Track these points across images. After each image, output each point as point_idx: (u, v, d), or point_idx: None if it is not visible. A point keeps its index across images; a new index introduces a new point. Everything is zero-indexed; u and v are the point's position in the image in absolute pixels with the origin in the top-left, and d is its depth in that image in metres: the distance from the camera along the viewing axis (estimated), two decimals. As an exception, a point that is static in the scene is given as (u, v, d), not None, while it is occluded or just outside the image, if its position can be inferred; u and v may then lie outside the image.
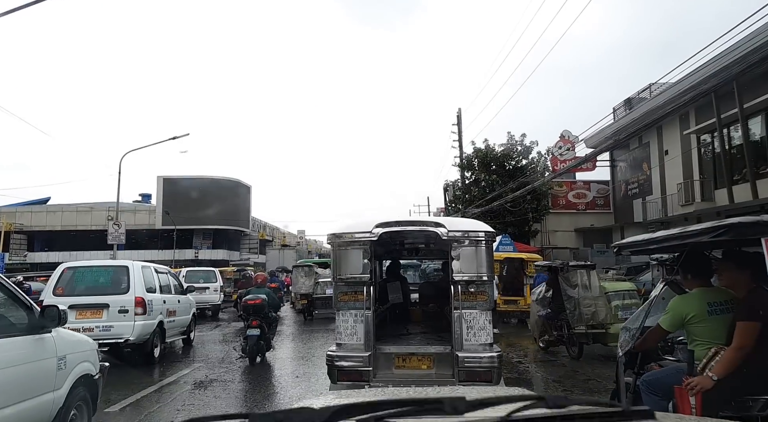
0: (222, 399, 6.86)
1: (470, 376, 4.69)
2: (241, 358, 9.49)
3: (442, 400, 1.10)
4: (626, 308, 8.93)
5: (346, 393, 2.49)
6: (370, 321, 4.99)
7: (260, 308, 9.42)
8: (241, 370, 8.80)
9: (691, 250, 3.75)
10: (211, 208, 44.06)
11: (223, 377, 8.22)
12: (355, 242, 5.05)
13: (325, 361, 5.03)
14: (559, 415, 1.10)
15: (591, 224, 27.37)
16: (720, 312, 3.41)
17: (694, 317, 3.43)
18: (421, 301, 8.12)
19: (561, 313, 9.32)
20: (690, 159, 20.43)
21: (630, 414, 1.15)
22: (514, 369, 8.69)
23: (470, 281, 4.95)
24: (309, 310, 17.39)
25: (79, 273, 9.18)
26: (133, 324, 8.62)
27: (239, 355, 9.66)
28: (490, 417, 1.10)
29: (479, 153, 25.98)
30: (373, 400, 1.25)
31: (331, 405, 1.10)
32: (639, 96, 24.76)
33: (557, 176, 24.29)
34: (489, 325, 4.94)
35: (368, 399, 1.50)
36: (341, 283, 5.09)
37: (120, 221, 19.85)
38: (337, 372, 4.87)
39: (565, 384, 7.61)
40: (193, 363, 9.52)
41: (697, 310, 3.43)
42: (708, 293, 3.54)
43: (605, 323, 8.78)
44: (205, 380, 7.99)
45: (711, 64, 15.22)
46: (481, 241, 5.01)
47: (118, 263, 9.78)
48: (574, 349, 9.29)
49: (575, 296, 8.91)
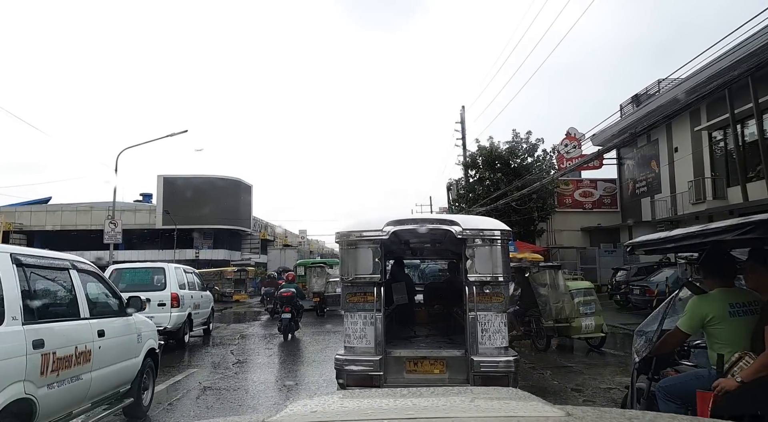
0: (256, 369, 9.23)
1: (486, 381, 4.49)
2: (278, 334, 12.84)
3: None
4: (587, 304, 10.18)
5: (347, 393, 2.34)
6: (381, 324, 4.79)
7: (291, 299, 12.83)
8: (278, 345, 12.03)
9: (713, 249, 3.55)
10: (212, 207, 43.62)
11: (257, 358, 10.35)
12: (365, 241, 4.85)
13: (334, 365, 4.82)
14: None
15: (598, 224, 26.87)
16: (742, 314, 3.21)
17: (714, 318, 3.23)
18: (426, 302, 7.92)
19: (529, 310, 10.29)
20: (701, 156, 19.94)
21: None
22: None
23: (486, 282, 4.75)
24: (321, 307, 19.28)
25: (125, 273, 11.18)
26: (169, 315, 10.69)
27: (276, 332, 13.14)
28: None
29: (483, 151, 25.51)
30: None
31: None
32: (647, 92, 24.28)
33: (564, 175, 23.80)
34: (504, 328, 4.77)
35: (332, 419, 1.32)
36: (350, 284, 4.88)
37: (116, 220, 19.42)
38: (346, 376, 4.68)
39: (541, 370, 8.56)
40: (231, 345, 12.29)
41: (717, 311, 3.24)
42: (729, 293, 3.33)
43: (570, 317, 9.77)
44: (242, 359, 10.14)
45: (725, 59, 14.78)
46: (497, 240, 4.82)
47: (156, 265, 11.85)
48: (541, 342, 10.24)
49: (545, 294, 9.83)
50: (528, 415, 1.21)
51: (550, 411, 1.21)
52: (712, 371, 3.27)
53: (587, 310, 10.09)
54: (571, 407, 1.26)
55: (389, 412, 1.31)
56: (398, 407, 1.39)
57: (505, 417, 1.18)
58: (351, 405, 1.46)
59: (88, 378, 4.64)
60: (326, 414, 1.28)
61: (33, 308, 4.05)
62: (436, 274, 22.68)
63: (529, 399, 1.43)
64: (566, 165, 24.42)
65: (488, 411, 1.31)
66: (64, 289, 4.75)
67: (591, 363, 9.24)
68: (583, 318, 9.95)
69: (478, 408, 1.39)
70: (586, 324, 9.94)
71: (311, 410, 1.33)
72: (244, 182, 49.26)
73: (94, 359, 4.77)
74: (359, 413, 1.31)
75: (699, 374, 3.44)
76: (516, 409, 1.30)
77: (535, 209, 23.98)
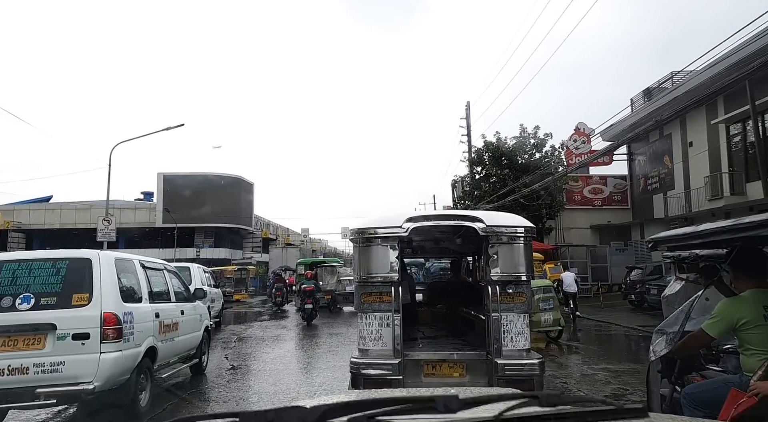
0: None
1: (510, 385, 4.18)
2: (302, 322, 16.01)
3: (435, 399, 1.09)
4: (545, 301, 11.17)
5: (347, 393, 2.26)
6: (399, 325, 4.61)
7: (312, 293, 16.11)
8: (300, 328, 15.32)
9: (744, 246, 3.26)
10: (213, 205, 42.94)
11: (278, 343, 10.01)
12: (383, 238, 4.66)
13: (349, 369, 4.66)
14: (552, 414, 1.10)
15: (608, 221, 26.12)
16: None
17: (748, 322, 2.98)
18: (429, 301, 7.82)
19: None
20: (718, 150, 19.20)
21: (623, 413, 1.11)
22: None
23: (508, 282, 4.60)
24: (333, 304, 20.72)
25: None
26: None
27: (300, 321, 16.24)
28: (484, 417, 1.10)
29: (490, 146, 24.82)
30: (366, 398, 1.24)
31: (321, 404, 1.11)
32: (660, 86, 23.53)
33: (573, 171, 23.06)
34: (527, 329, 4.65)
35: (360, 398, 1.44)
36: (366, 283, 4.69)
37: (110, 217, 18.77)
38: (363, 381, 4.50)
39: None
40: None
41: (751, 315, 2.98)
42: (764, 295, 3.04)
43: (531, 312, 10.39)
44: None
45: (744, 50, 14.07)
46: (521, 237, 4.66)
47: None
48: None
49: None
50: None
51: None
52: (743, 377, 2.99)
53: (546, 306, 11.18)
54: None
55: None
56: None
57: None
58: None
59: (177, 340, 7.14)
60: None
61: (153, 293, 6.61)
62: (438, 273, 22.11)
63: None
64: (575, 161, 23.69)
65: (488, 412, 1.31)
66: (162, 282, 7.23)
67: (550, 353, 10.20)
68: (542, 313, 11.05)
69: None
70: (545, 319, 11.10)
71: None
72: (245, 180, 48.55)
73: (180, 328, 7.25)
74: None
75: (728, 380, 3.16)
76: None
77: (544, 206, 23.30)
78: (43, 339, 5.11)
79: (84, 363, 5.10)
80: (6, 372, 4.95)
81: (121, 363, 5.36)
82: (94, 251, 5.72)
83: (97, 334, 5.19)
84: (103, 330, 5.23)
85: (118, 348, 5.34)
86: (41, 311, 5.20)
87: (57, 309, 5.22)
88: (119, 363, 5.33)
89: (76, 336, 5.14)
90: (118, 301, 5.54)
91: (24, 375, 4.97)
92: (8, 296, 5.25)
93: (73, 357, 5.07)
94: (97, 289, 5.37)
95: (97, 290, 5.36)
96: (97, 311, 5.26)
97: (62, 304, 5.25)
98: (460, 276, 8.24)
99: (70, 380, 5.03)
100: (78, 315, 5.22)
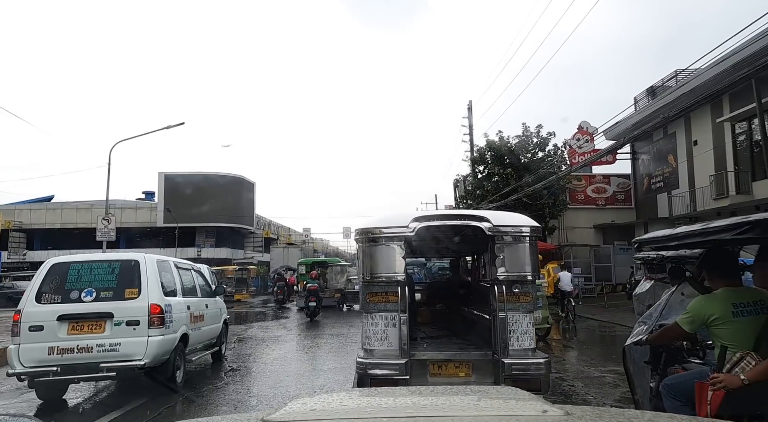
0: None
1: (517, 385, 4.13)
2: (303, 322, 17.07)
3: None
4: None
5: (348, 392, 2.01)
6: (406, 325, 4.62)
7: (316, 292, 17.62)
8: (305, 324, 16.54)
9: (714, 248, 3.54)
10: (214, 205, 42.76)
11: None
12: (389, 238, 4.66)
13: (356, 369, 4.64)
14: None
15: (611, 221, 25.91)
16: (747, 314, 3.14)
17: (718, 318, 3.16)
18: (428, 301, 7.82)
19: None
20: (723, 149, 18.99)
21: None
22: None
23: (514, 281, 4.62)
24: (342, 302, 21.83)
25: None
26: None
27: (306, 316, 17.68)
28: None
29: (493, 145, 24.61)
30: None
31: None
32: (663, 84, 23.32)
33: (576, 170, 22.85)
34: (532, 329, 4.67)
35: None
36: (371, 283, 4.68)
37: (110, 217, 18.61)
38: (369, 381, 4.48)
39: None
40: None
41: (720, 311, 3.16)
42: (734, 293, 3.23)
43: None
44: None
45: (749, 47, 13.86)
46: (527, 237, 4.70)
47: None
48: None
49: None
50: (527, 414, 1.21)
51: (549, 410, 1.21)
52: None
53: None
54: (570, 406, 1.27)
55: (388, 411, 1.32)
56: (398, 406, 1.40)
57: (504, 416, 1.19)
58: (351, 404, 1.46)
59: (203, 330, 8.41)
60: (325, 413, 1.31)
61: (184, 289, 7.81)
62: (438, 273, 21.98)
63: (528, 399, 1.42)
64: (578, 160, 23.48)
65: (487, 410, 1.31)
66: (191, 280, 8.42)
67: (555, 355, 10.19)
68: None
69: (477, 406, 1.36)
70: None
71: (310, 408, 1.34)
72: (246, 180, 48.38)
73: (205, 320, 8.51)
74: (358, 412, 1.32)
75: (703, 372, 3.39)
76: (515, 408, 1.29)
77: (546, 206, 23.10)
78: (104, 324, 6.41)
79: (135, 344, 6.35)
80: (75, 350, 6.23)
81: (163, 345, 6.65)
82: (141, 254, 7.04)
83: (145, 321, 6.49)
84: (150, 317, 6.53)
85: (162, 332, 6.62)
86: (101, 302, 6.52)
87: (113, 301, 6.54)
88: (162, 344, 6.62)
89: (129, 322, 6.46)
90: (160, 295, 6.85)
91: (89, 353, 6.23)
92: (75, 290, 6.57)
93: (127, 339, 6.34)
94: (145, 285, 6.69)
95: (145, 285, 6.69)
96: (145, 303, 6.58)
97: (117, 297, 6.59)
98: (460, 276, 8.16)
99: (125, 357, 6.27)
100: (130, 306, 6.54)
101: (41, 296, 6.49)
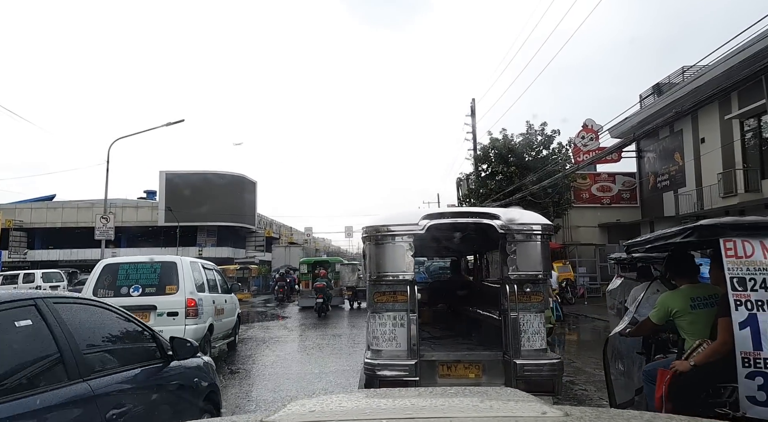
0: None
1: (530, 386, 4.15)
2: (316, 314, 18.25)
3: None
4: None
5: (347, 393, 2.27)
6: (415, 325, 4.52)
7: (324, 289, 18.70)
8: (307, 324, 16.41)
9: (674, 251, 4.08)
10: (216, 204, 42.55)
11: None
12: (398, 236, 4.54)
13: (364, 370, 4.55)
14: None
15: (617, 219, 25.60)
16: (702, 307, 3.61)
17: (678, 311, 3.67)
18: (429, 301, 7.72)
19: None
20: (731, 147, 18.67)
21: None
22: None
23: (526, 281, 4.51)
24: (353, 300, 22.55)
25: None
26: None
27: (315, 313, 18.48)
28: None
29: (496, 143, 24.32)
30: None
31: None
32: (670, 81, 23.01)
33: (581, 168, 22.55)
34: (543, 329, 4.62)
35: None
36: (379, 282, 4.59)
37: (109, 215, 18.40)
38: (378, 382, 4.36)
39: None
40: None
41: (680, 305, 3.67)
42: (693, 289, 3.76)
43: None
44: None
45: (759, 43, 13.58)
46: (539, 235, 4.60)
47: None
48: None
49: None
50: (527, 415, 1.21)
51: (548, 411, 1.21)
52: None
53: None
54: (570, 407, 1.27)
55: (387, 412, 1.31)
56: (397, 407, 1.41)
57: (503, 417, 1.19)
58: (349, 405, 1.46)
59: (223, 321, 9.58)
60: (324, 414, 1.31)
61: (209, 286, 9.10)
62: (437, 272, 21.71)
63: (528, 400, 1.43)
64: (583, 158, 23.17)
65: (487, 411, 1.30)
66: (213, 279, 9.64)
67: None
68: None
69: (476, 408, 1.36)
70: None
71: (309, 410, 1.35)
72: (248, 179, 48.17)
73: (224, 313, 9.74)
74: (357, 413, 1.32)
75: (672, 360, 3.74)
76: (514, 409, 1.30)
77: (551, 205, 22.80)
78: (148, 315, 7.56)
79: (175, 332, 6.75)
80: None
81: (197, 333, 7.77)
82: (178, 257, 8.65)
83: (183, 313, 7.79)
84: (187, 309, 7.80)
85: (195, 322, 7.90)
86: (146, 297, 7.84)
87: (156, 296, 7.86)
88: (196, 332, 7.77)
89: (170, 313, 7.74)
90: (194, 291, 8.16)
91: None
92: (125, 286, 7.91)
93: (168, 328, 7.02)
94: (182, 282, 7.99)
95: (182, 283, 7.99)
96: (182, 297, 7.86)
97: (159, 292, 7.92)
98: (461, 275, 7.99)
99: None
100: (170, 300, 7.83)
101: (97, 291, 7.68)
